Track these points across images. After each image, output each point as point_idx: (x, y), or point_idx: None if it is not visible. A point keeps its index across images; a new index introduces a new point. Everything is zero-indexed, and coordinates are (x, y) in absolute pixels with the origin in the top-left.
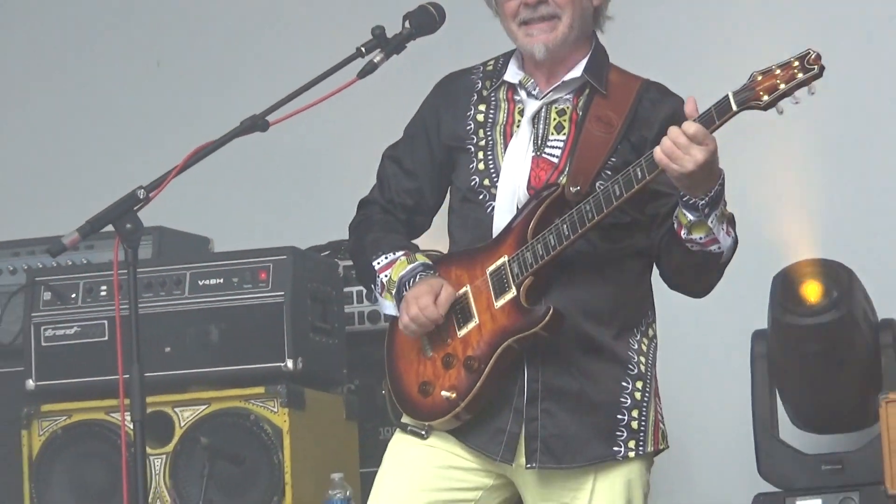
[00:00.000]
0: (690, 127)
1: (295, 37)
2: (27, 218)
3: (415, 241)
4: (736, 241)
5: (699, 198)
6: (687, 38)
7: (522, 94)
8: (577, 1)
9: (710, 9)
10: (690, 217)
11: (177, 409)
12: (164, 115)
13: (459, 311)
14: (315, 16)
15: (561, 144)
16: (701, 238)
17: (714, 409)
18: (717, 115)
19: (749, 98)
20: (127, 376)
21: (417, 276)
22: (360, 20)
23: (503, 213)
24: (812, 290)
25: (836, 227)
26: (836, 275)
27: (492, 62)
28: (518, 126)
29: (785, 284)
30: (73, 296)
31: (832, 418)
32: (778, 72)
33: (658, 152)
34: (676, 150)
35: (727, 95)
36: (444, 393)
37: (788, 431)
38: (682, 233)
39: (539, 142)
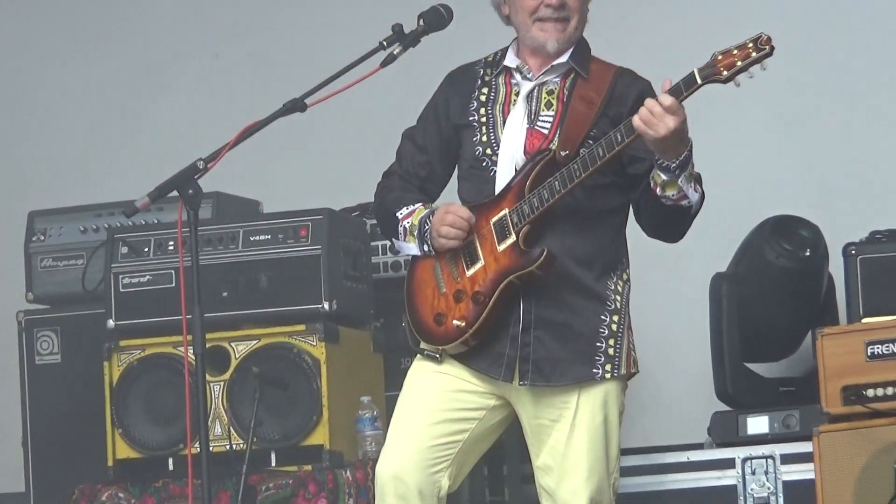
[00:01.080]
0: (666, 99)
1: (329, 31)
2: (108, 185)
3: None
4: (703, 196)
5: (671, 161)
6: (658, 33)
7: (518, 76)
8: (583, 6)
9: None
10: (664, 177)
11: (232, 344)
12: (219, 97)
13: (468, 254)
14: (345, 14)
15: (550, 118)
16: (673, 195)
17: (680, 341)
18: (684, 88)
19: (712, 73)
20: (190, 317)
21: (428, 215)
22: (382, 18)
23: (503, 175)
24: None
25: (766, 186)
26: (809, 225)
27: (491, 55)
28: (514, 104)
29: (780, 227)
30: (146, 250)
31: (767, 344)
32: (735, 51)
33: (636, 119)
34: (652, 118)
35: (693, 71)
36: (455, 322)
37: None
38: (658, 190)
39: (532, 116)
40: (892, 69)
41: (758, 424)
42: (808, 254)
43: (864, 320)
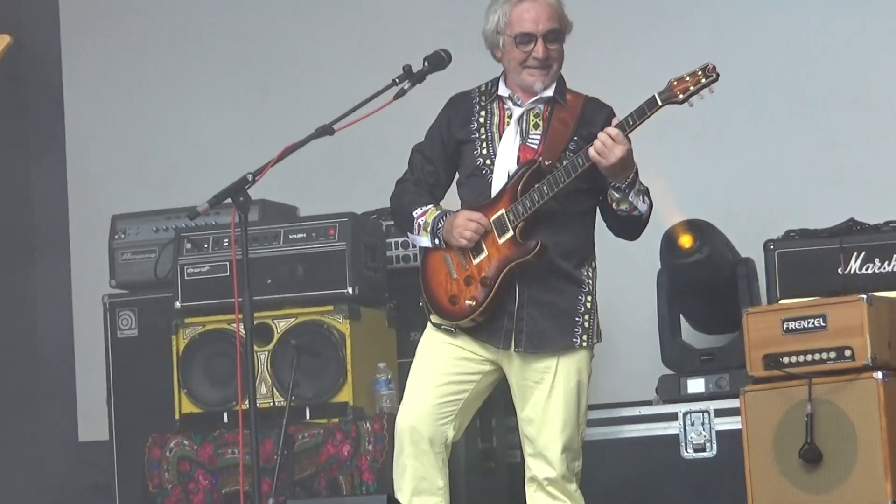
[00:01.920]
0: (612, 131)
1: (352, 68)
2: (176, 194)
3: None
4: (651, 205)
5: (621, 182)
6: (616, 66)
7: (509, 103)
8: (563, 53)
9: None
10: (616, 195)
11: (275, 321)
12: (265, 123)
13: (473, 247)
14: (365, 56)
15: (538, 136)
16: (625, 208)
17: (634, 317)
18: (647, 108)
19: (670, 96)
20: (241, 299)
21: (446, 215)
22: (395, 59)
23: (498, 181)
24: (685, 241)
25: (702, 195)
26: (699, 228)
27: (484, 85)
28: (508, 125)
29: (668, 239)
30: (206, 246)
31: (711, 324)
32: (688, 78)
33: (591, 150)
34: (605, 148)
35: (654, 95)
36: (467, 302)
37: (685, 333)
38: (613, 205)
39: (524, 134)
40: (796, 89)
41: (696, 385)
42: (704, 255)
43: (781, 302)
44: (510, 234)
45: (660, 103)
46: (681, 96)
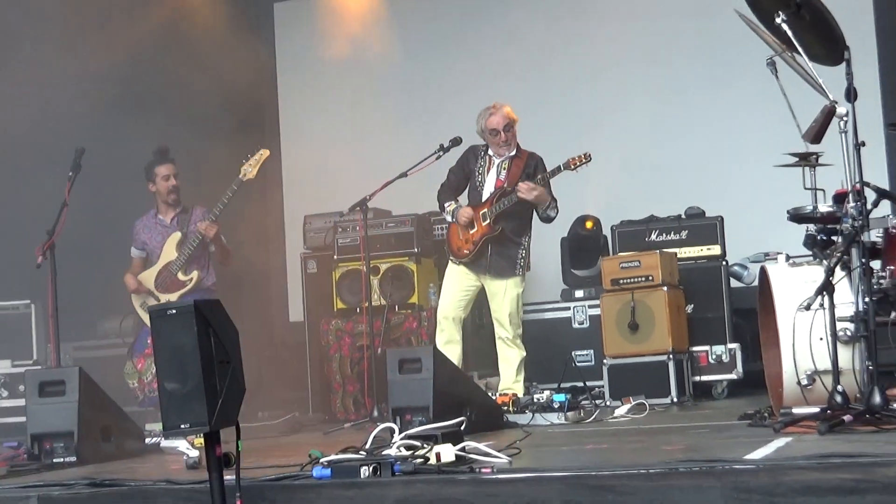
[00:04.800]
0: (523, 186)
1: (420, 142)
2: (334, 202)
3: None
4: (558, 211)
5: (541, 206)
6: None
7: (493, 155)
8: (515, 135)
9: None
10: (538, 211)
11: (381, 264)
12: (385, 165)
13: (469, 225)
14: (422, 130)
15: (504, 174)
16: (544, 216)
17: (549, 259)
18: (554, 172)
19: (569, 165)
20: (364, 255)
21: (459, 208)
22: (437, 136)
23: (486, 194)
24: (589, 224)
25: (590, 199)
26: (591, 219)
27: (483, 146)
28: (491, 167)
29: (580, 222)
30: (349, 228)
31: (586, 264)
32: (576, 158)
33: (519, 192)
34: (523, 192)
35: (559, 165)
36: (465, 251)
37: (573, 267)
38: (540, 214)
39: (497, 173)
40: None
41: (579, 293)
42: (589, 230)
43: (619, 254)
44: (488, 221)
45: (562, 169)
46: (573, 167)
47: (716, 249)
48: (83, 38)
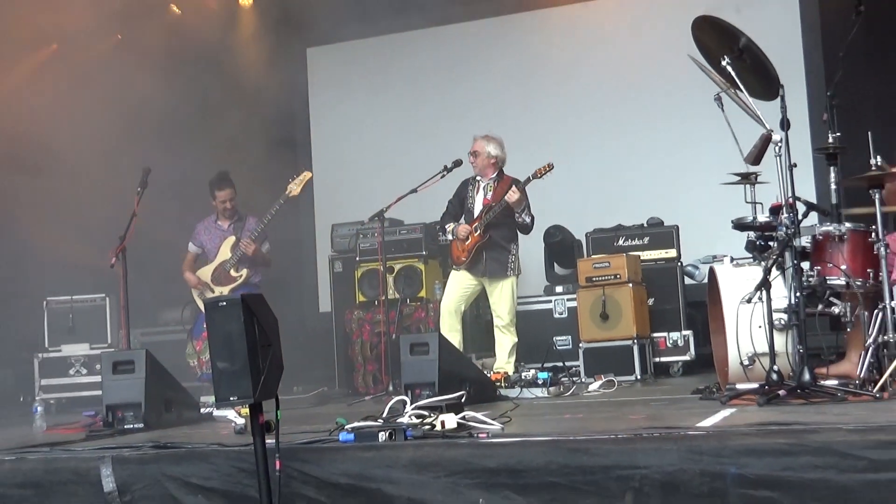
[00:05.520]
0: (514, 193)
1: (430, 159)
2: (357, 211)
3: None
4: (533, 219)
5: (518, 211)
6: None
7: (481, 181)
8: (486, 159)
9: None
10: (516, 217)
11: (395, 265)
12: (400, 181)
13: (465, 238)
14: (426, 153)
15: (490, 194)
16: (521, 221)
17: (534, 263)
18: (525, 182)
19: (537, 174)
20: (380, 258)
21: (458, 225)
22: (442, 157)
23: (477, 211)
24: (557, 227)
25: (564, 209)
26: (560, 228)
27: (471, 177)
28: (479, 189)
29: (547, 232)
30: (368, 235)
31: (565, 264)
32: (541, 168)
33: (506, 199)
34: (512, 197)
35: (529, 175)
36: (462, 258)
37: (555, 268)
38: (518, 220)
39: (485, 193)
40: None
41: (559, 288)
42: (560, 238)
43: (592, 256)
44: (479, 232)
45: (532, 179)
46: (539, 175)
47: (672, 253)
48: (152, 75)
